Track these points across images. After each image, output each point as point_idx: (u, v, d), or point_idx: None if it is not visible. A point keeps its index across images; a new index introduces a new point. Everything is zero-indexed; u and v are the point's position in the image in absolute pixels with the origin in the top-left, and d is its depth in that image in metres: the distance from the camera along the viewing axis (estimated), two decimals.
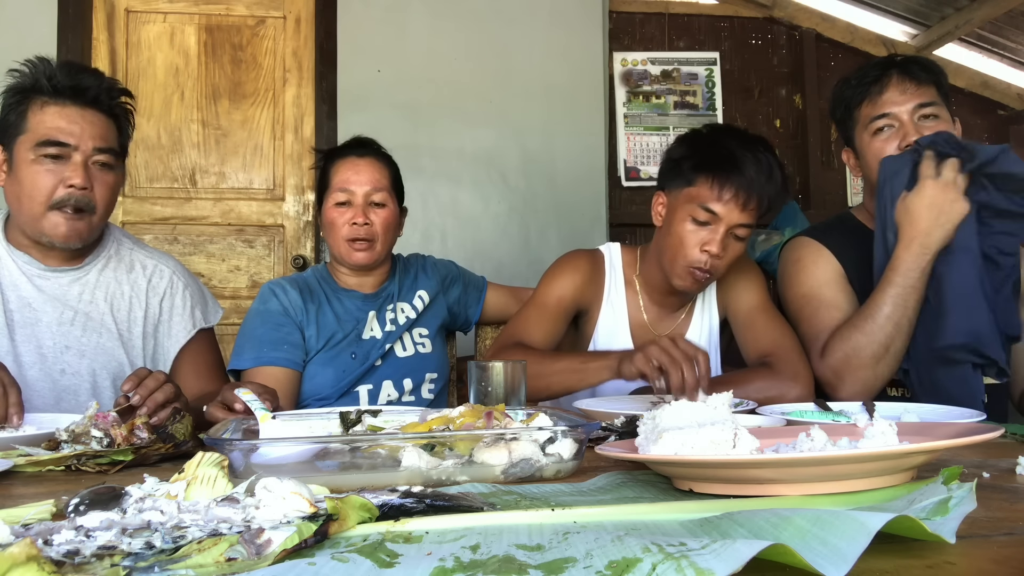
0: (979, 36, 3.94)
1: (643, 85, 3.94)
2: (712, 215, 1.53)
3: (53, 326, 1.53)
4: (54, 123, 1.46)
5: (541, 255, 3.22)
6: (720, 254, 1.54)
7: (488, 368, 1.17)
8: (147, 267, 1.64)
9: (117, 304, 1.59)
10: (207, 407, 1.28)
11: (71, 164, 1.46)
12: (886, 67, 1.60)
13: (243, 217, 3.32)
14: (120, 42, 3.25)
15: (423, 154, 3.30)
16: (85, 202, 1.47)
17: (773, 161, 1.56)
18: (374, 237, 1.74)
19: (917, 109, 1.55)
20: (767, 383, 1.54)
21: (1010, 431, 1.15)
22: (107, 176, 1.51)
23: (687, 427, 0.79)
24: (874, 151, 1.59)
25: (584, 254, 1.79)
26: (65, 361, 1.53)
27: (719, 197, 1.51)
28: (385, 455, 0.86)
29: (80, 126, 1.47)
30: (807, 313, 1.61)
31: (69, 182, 1.45)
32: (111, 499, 0.67)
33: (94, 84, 1.50)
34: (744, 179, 1.50)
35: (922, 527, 0.55)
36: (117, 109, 1.55)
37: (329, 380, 1.72)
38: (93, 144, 1.48)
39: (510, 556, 0.53)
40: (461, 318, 1.99)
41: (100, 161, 1.49)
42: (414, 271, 1.91)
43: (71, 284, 1.56)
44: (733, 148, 1.54)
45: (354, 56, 3.33)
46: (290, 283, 1.77)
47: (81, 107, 1.48)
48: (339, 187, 1.74)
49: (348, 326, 1.76)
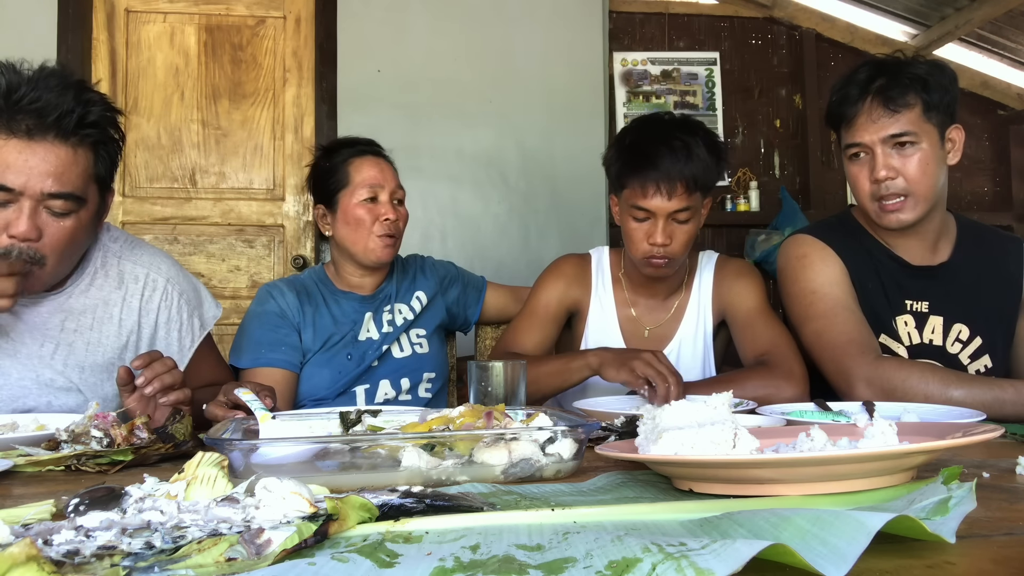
0: (979, 36, 3.94)
1: (643, 85, 3.94)
2: (646, 212, 1.61)
3: (33, 358, 1.35)
4: (1, 159, 1.21)
5: (541, 255, 3.22)
6: (667, 242, 1.61)
7: (488, 368, 1.17)
8: (139, 279, 1.46)
9: (107, 331, 1.41)
10: (206, 406, 1.28)
11: (15, 208, 1.22)
12: (864, 87, 1.54)
13: (243, 217, 3.32)
14: (120, 42, 3.25)
15: (423, 154, 3.30)
16: (30, 254, 1.23)
17: (693, 140, 1.59)
18: (400, 233, 1.79)
19: (889, 139, 1.52)
20: (762, 381, 1.55)
21: (1010, 431, 1.15)
22: (63, 222, 1.26)
23: (687, 427, 0.79)
24: (851, 177, 1.61)
25: (571, 258, 1.88)
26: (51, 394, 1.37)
27: (644, 195, 1.60)
28: (385, 455, 0.86)
29: (30, 163, 1.21)
30: (820, 310, 1.58)
31: (11, 231, 1.22)
32: (111, 499, 0.67)
33: (55, 107, 1.22)
34: (660, 172, 1.57)
35: (922, 527, 0.55)
36: (90, 138, 1.28)
37: (326, 381, 1.72)
38: (42, 188, 1.22)
39: (510, 556, 0.53)
40: (460, 318, 1.99)
41: (54, 208, 1.24)
42: (412, 272, 1.91)
43: (52, 314, 1.37)
44: (646, 146, 1.61)
45: (354, 56, 3.33)
46: (287, 285, 1.78)
47: (33, 139, 1.22)
48: (367, 184, 1.75)
49: (345, 328, 1.76)
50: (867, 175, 1.56)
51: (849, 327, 1.54)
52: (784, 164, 4.08)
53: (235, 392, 1.18)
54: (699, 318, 1.78)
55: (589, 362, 1.54)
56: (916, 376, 1.42)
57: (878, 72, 1.56)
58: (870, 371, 1.46)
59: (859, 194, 1.61)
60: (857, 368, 1.48)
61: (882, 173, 1.52)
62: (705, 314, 1.78)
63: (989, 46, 4.02)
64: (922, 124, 1.52)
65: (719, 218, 3.87)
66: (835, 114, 1.61)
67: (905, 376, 1.43)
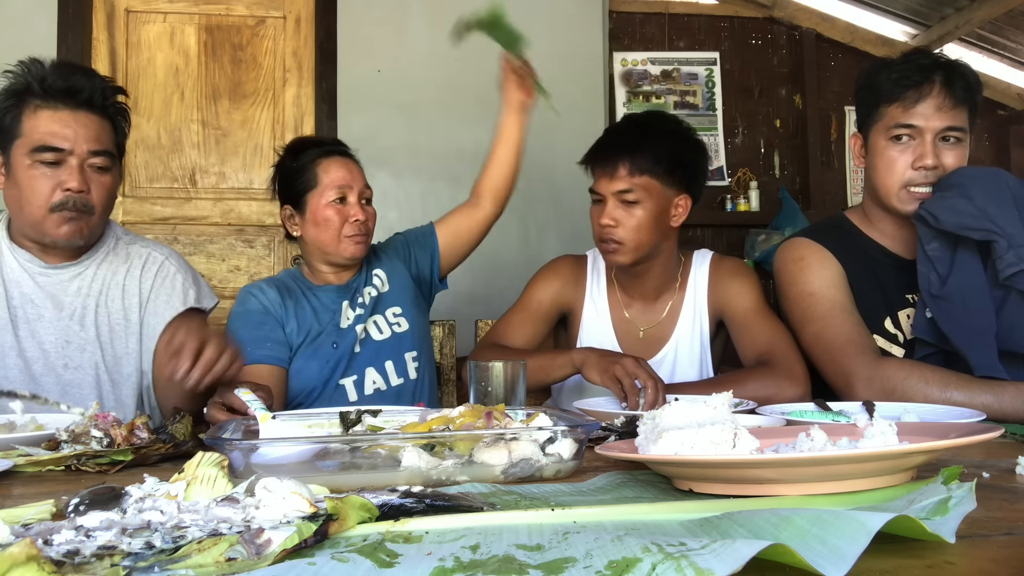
0: (979, 36, 3.94)
1: (643, 85, 3.94)
2: (597, 194, 1.70)
3: (54, 322, 1.55)
4: (48, 128, 1.46)
5: (541, 255, 3.21)
6: (610, 223, 1.67)
7: (488, 368, 1.17)
8: (141, 255, 1.66)
9: (113, 295, 1.61)
10: (207, 408, 1.28)
11: (67, 168, 1.47)
12: (931, 72, 1.53)
13: (243, 217, 3.32)
14: (120, 42, 3.25)
15: (423, 154, 3.29)
16: (83, 204, 1.49)
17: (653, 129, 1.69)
18: (370, 231, 1.81)
19: (943, 131, 1.52)
20: (763, 382, 1.55)
21: (1010, 431, 1.15)
22: (103, 178, 1.52)
23: (687, 427, 0.79)
24: (886, 158, 1.57)
25: (567, 258, 1.90)
26: (67, 356, 1.55)
27: (595, 177, 1.72)
28: (385, 455, 0.86)
29: (74, 129, 1.47)
30: (818, 312, 1.58)
31: (66, 186, 1.46)
32: (111, 499, 0.67)
33: (87, 85, 1.50)
34: (603, 155, 1.68)
35: (922, 527, 0.55)
36: (111, 109, 1.55)
37: (314, 373, 1.73)
38: (88, 147, 1.48)
39: (510, 556, 0.53)
40: (427, 277, 1.96)
41: (96, 164, 1.50)
42: (371, 255, 1.92)
43: (71, 280, 1.58)
44: (603, 136, 1.75)
45: (354, 56, 3.33)
46: (266, 284, 1.81)
47: (74, 109, 1.48)
48: (335, 185, 1.76)
49: (325, 318, 1.78)
50: (908, 160, 1.54)
51: (848, 328, 1.55)
52: (784, 164, 4.08)
53: (234, 392, 1.18)
54: (694, 318, 1.78)
55: (572, 359, 1.56)
56: (916, 376, 1.42)
57: (937, 62, 1.55)
58: (870, 371, 1.46)
59: (890, 177, 1.57)
60: (857, 369, 1.48)
61: (929, 161, 1.51)
62: (701, 314, 1.78)
63: (989, 46, 4.02)
64: (967, 125, 1.55)
65: (719, 218, 3.87)
66: (886, 91, 1.57)
67: (905, 376, 1.43)
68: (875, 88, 1.59)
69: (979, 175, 1.50)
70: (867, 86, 1.62)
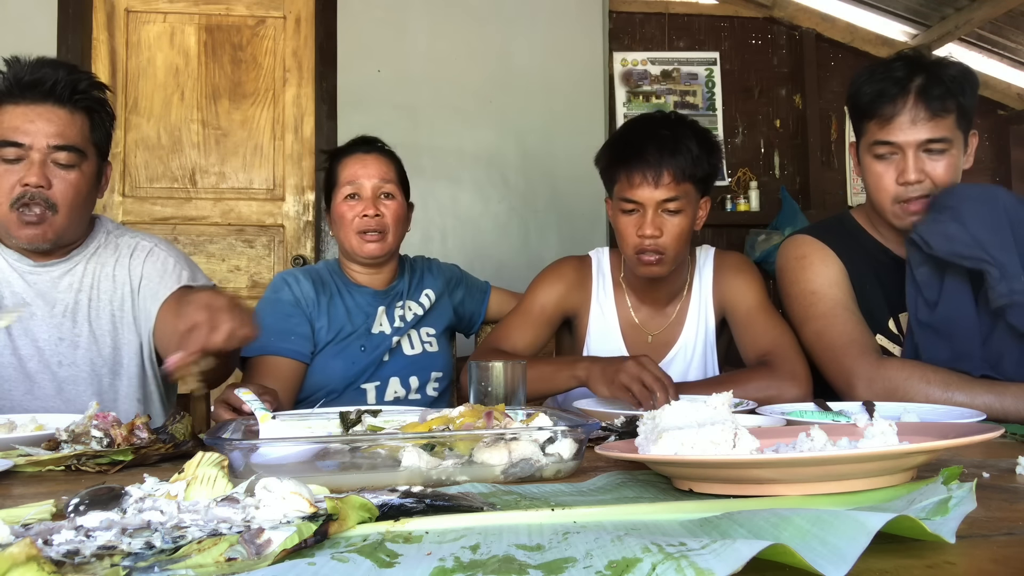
0: (979, 36, 3.94)
1: (643, 85, 3.93)
2: (634, 203, 1.61)
3: (46, 319, 1.54)
4: (11, 123, 1.44)
5: (541, 255, 3.22)
6: (655, 233, 1.59)
7: (488, 368, 1.17)
8: (130, 245, 1.64)
9: (104, 288, 1.59)
10: (213, 408, 1.28)
11: (27, 163, 1.44)
12: (906, 83, 1.50)
13: (243, 217, 3.32)
14: (120, 42, 3.25)
15: (423, 154, 3.29)
16: (43, 199, 1.44)
17: (681, 132, 1.61)
18: (385, 228, 1.76)
19: (924, 144, 1.50)
20: (765, 382, 1.54)
21: (1010, 431, 1.15)
22: (69, 174, 1.47)
23: (687, 427, 0.79)
24: (873, 175, 1.56)
25: (570, 261, 1.84)
26: (61, 353, 1.55)
27: (631, 185, 1.60)
28: (385, 455, 0.86)
29: (36, 124, 1.43)
30: (820, 311, 1.58)
31: (24, 180, 1.43)
32: (111, 499, 0.67)
33: (52, 78, 1.45)
34: (646, 161, 1.58)
35: (922, 527, 0.55)
36: (83, 102, 1.49)
37: (337, 372, 1.72)
38: (48, 142, 1.44)
39: (510, 556, 0.53)
40: (466, 320, 2.00)
41: (59, 160, 1.46)
42: (420, 271, 1.93)
43: (61, 277, 1.57)
44: (633, 138, 1.63)
45: (354, 56, 3.33)
46: (303, 274, 1.78)
47: (38, 103, 1.44)
48: (347, 181, 1.76)
49: (358, 320, 1.77)
50: (893, 176, 1.53)
51: (850, 327, 1.54)
52: (784, 164, 4.08)
53: (235, 392, 1.18)
54: (701, 320, 1.77)
55: (577, 374, 1.52)
56: (918, 377, 1.42)
57: (915, 70, 1.51)
58: (871, 371, 1.46)
59: (879, 193, 1.57)
60: (858, 368, 1.48)
61: (912, 176, 1.50)
62: (707, 315, 1.77)
63: (989, 46, 4.02)
64: (954, 130, 1.50)
65: (719, 218, 3.87)
66: (864, 108, 1.55)
67: (907, 377, 1.43)
68: (856, 103, 1.58)
69: (974, 196, 1.46)
70: (850, 99, 1.60)
